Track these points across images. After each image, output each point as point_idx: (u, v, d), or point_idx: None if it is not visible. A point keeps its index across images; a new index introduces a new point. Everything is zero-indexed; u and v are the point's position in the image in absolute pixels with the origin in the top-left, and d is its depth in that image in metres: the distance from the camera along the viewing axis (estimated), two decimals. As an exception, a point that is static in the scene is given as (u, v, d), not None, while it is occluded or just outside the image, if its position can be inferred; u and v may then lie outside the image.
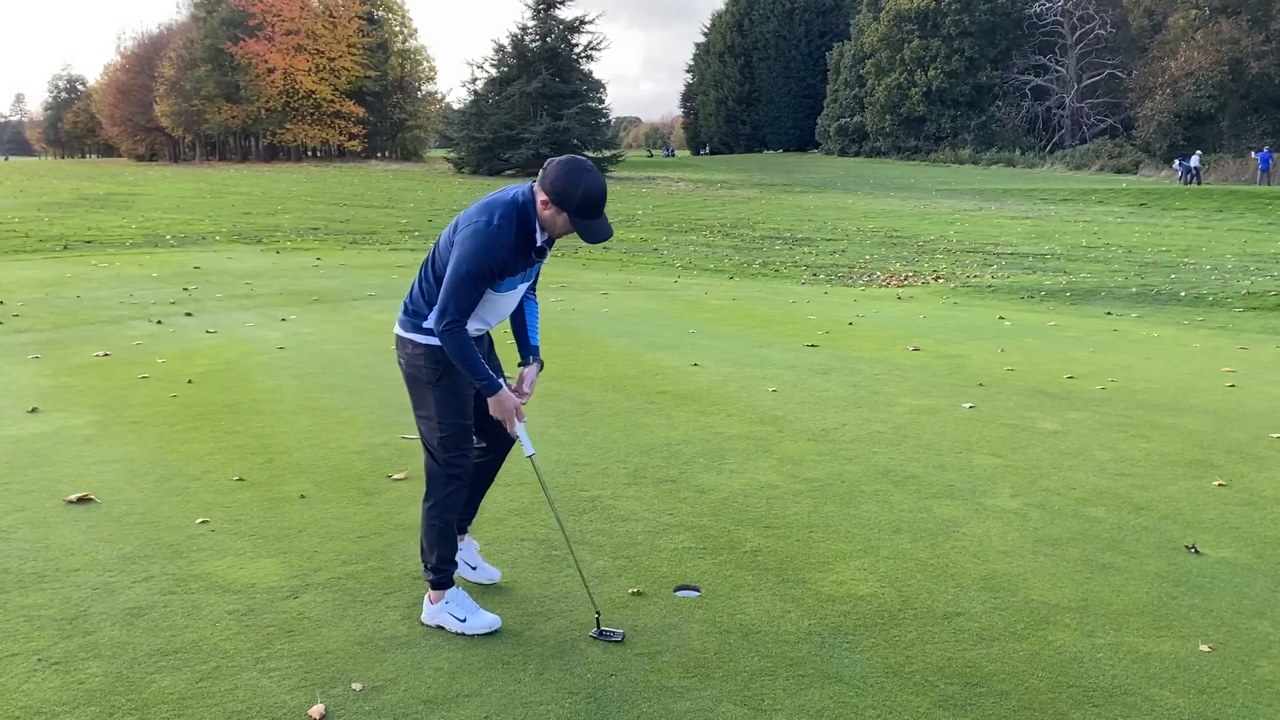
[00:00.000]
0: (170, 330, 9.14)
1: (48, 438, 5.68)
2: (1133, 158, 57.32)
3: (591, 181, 3.19)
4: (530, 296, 3.65)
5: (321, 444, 5.62)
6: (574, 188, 3.17)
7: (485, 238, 3.21)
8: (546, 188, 3.20)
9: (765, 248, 19.30)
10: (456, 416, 3.49)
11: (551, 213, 3.22)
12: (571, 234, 3.29)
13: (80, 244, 17.19)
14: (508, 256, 3.24)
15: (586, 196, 3.18)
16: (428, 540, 3.53)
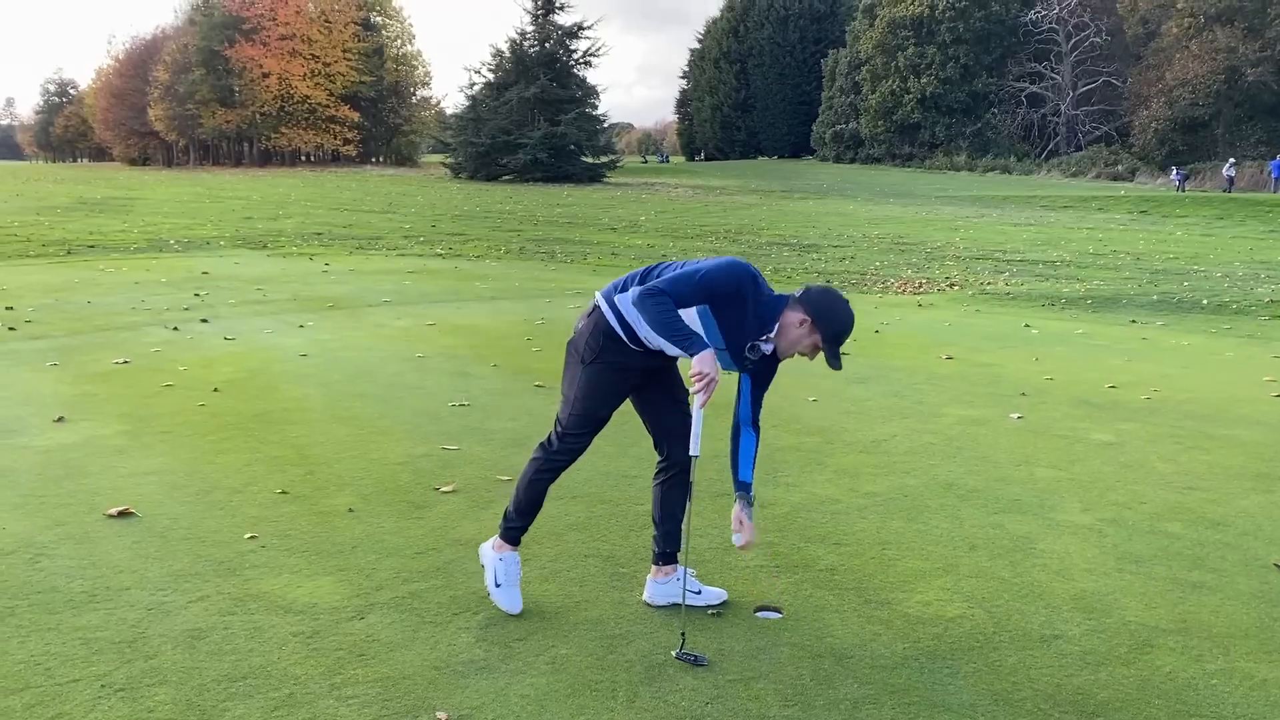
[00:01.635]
0: (188, 337, 8.97)
1: (78, 448, 5.52)
2: (1129, 165, 57.44)
3: (849, 315, 3.27)
4: (750, 428, 3.51)
5: (361, 455, 5.47)
6: (841, 316, 3.23)
7: (739, 268, 3.24)
8: (810, 308, 3.23)
9: (774, 254, 19.19)
10: (594, 405, 3.46)
11: (805, 330, 3.21)
12: (793, 358, 3.34)
13: (83, 248, 16.99)
14: (741, 304, 3.21)
15: (843, 327, 3.25)
16: (515, 492, 3.62)
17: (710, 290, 3.18)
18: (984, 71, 66.92)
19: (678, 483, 3.64)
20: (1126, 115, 61.41)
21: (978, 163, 64.14)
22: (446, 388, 7.13)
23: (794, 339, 3.23)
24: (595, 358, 3.40)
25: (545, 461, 3.56)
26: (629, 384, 3.50)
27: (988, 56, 66.77)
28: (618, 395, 3.50)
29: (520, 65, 50.40)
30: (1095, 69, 64.18)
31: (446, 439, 5.80)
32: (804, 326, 3.20)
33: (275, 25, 68.06)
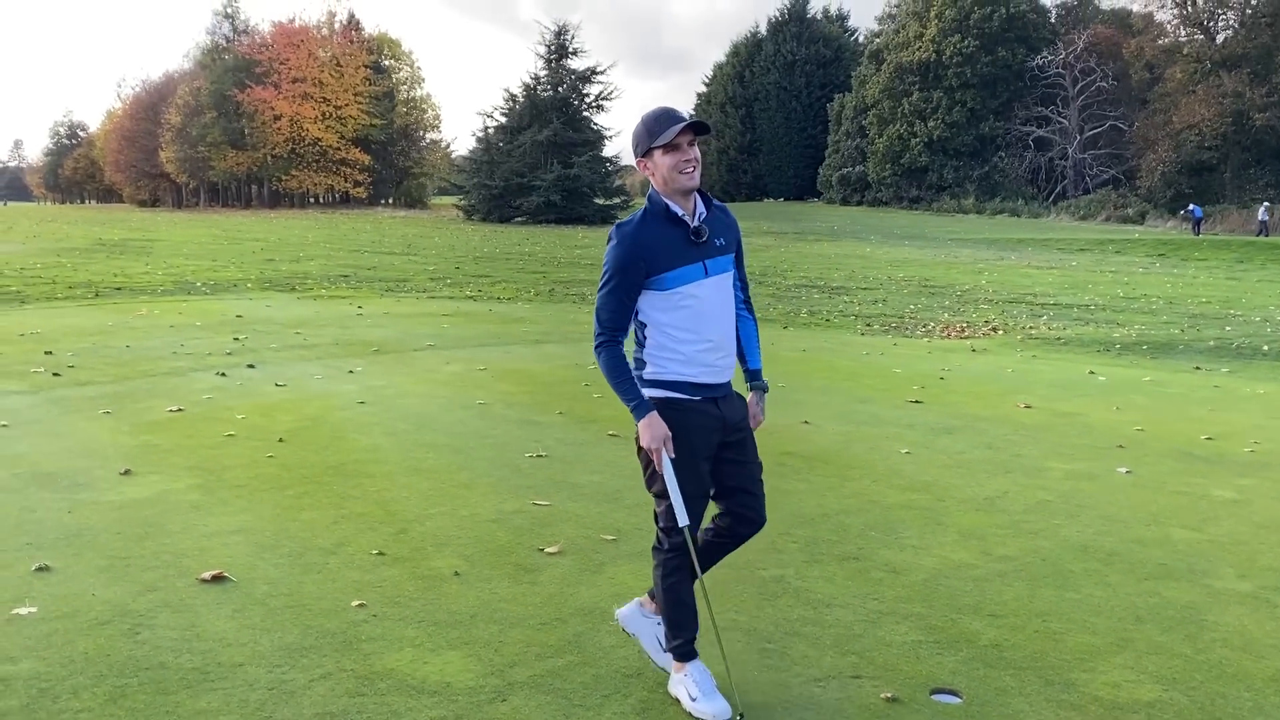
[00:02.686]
0: (237, 383, 8.72)
1: (152, 504, 5.24)
2: (1138, 208, 57.51)
3: (649, 112, 3.14)
4: (745, 313, 3.41)
5: (450, 511, 5.19)
6: (640, 126, 3.10)
7: (614, 239, 3.14)
8: (635, 156, 3.15)
9: (804, 296, 18.99)
10: (683, 484, 3.15)
11: (651, 165, 3.09)
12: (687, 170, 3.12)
13: (110, 290, 16.80)
14: (645, 242, 3.08)
15: (650, 121, 3.08)
16: (662, 608, 3.31)
17: (623, 275, 3.09)
18: (991, 115, 67.32)
19: (730, 545, 3.40)
20: (1133, 159, 61.62)
21: (986, 206, 64.26)
22: (518, 437, 6.86)
23: (665, 177, 3.08)
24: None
25: (665, 564, 3.26)
26: (708, 443, 3.22)
27: (994, 101, 67.21)
28: (707, 464, 3.23)
29: (534, 109, 50.63)
30: (1102, 113, 64.54)
31: (534, 494, 5.53)
32: (648, 167, 3.12)
33: (287, 69, 68.54)
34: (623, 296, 3.11)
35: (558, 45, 51.26)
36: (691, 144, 3.08)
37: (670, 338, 3.14)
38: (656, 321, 3.16)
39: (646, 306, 3.15)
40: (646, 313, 3.16)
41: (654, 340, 3.17)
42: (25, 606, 3.91)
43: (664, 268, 3.08)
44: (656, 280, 3.09)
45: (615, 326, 3.12)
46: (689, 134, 3.06)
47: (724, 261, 3.19)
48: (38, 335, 11.38)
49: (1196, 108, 56.78)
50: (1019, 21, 66.63)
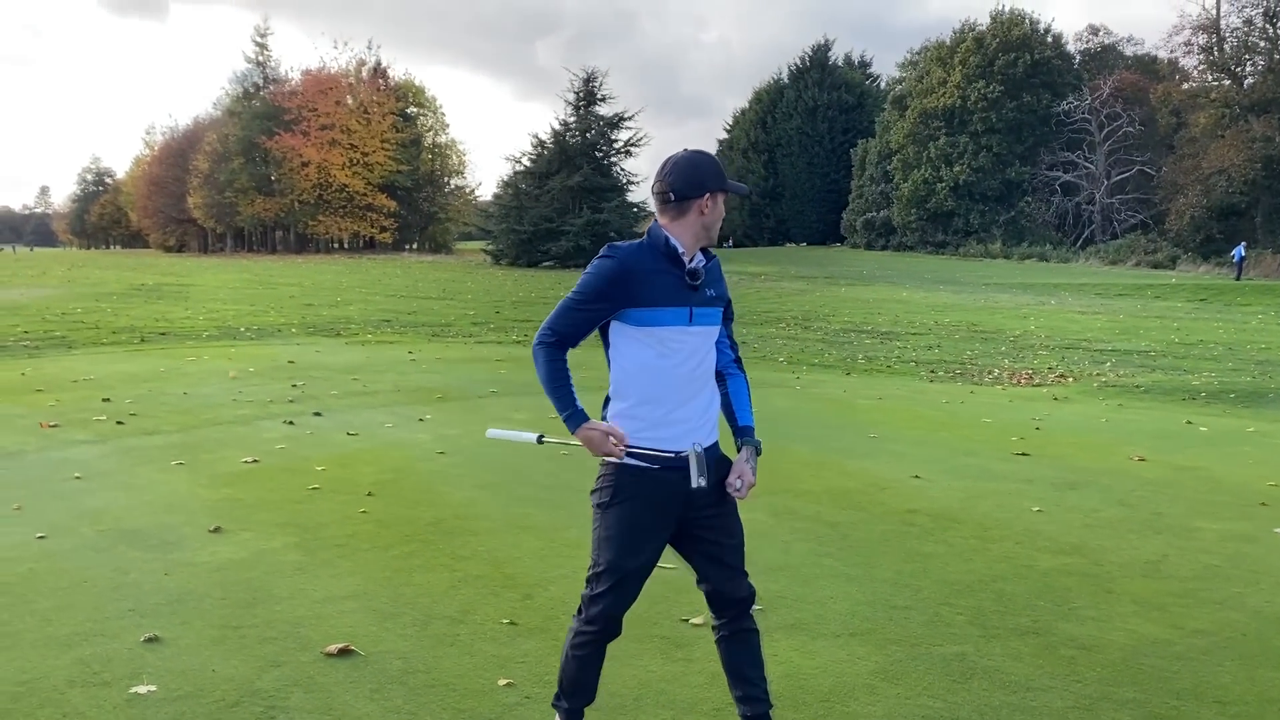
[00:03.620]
0: (307, 432, 8.40)
1: (251, 565, 4.90)
2: (1169, 253, 56.98)
3: (703, 153, 2.88)
4: (735, 370, 3.10)
5: (572, 574, 4.82)
6: (709, 162, 2.85)
7: (604, 254, 2.84)
8: (667, 187, 2.82)
9: (855, 342, 18.62)
10: (618, 555, 2.87)
11: (709, 205, 2.83)
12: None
13: (155, 335, 16.60)
14: (635, 269, 2.76)
15: (716, 163, 2.87)
16: (561, 669, 3.08)
17: (593, 291, 2.78)
18: (1017, 160, 67.15)
19: (741, 635, 3.07)
20: (1162, 203, 61.22)
21: (1013, 250, 63.85)
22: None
23: (712, 218, 2.86)
24: (612, 498, 2.90)
25: (578, 634, 3.02)
26: (664, 515, 2.92)
27: (1020, 146, 67.07)
28: (651, 538, 2.93)
29: (563, 154, 50.76)
30: (1129, 158, 64.30)
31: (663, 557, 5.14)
32: (713, 199, 2.84)
33: (316, 116, 69.19)
34: (589, 314, 2.83)
35: (586, 92, 51.52)
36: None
37: (637, 388, 2.85)
38: (623, 365, 2.87)
39: (618, 339, 2.86)
40: (616, 346, 2.88)
41: (618, 386, 2.91)
42: (143, 684, 3.56)
43: (646, 301, 2.78)
44: (634, 314, 2.78)
45: (565, 336, 2.85)
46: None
47: (712, 314, 2.92)
48: (91, 381, 11.12)
49: (1225, 152, 56.41)
50: (1044, 67, 66.70)
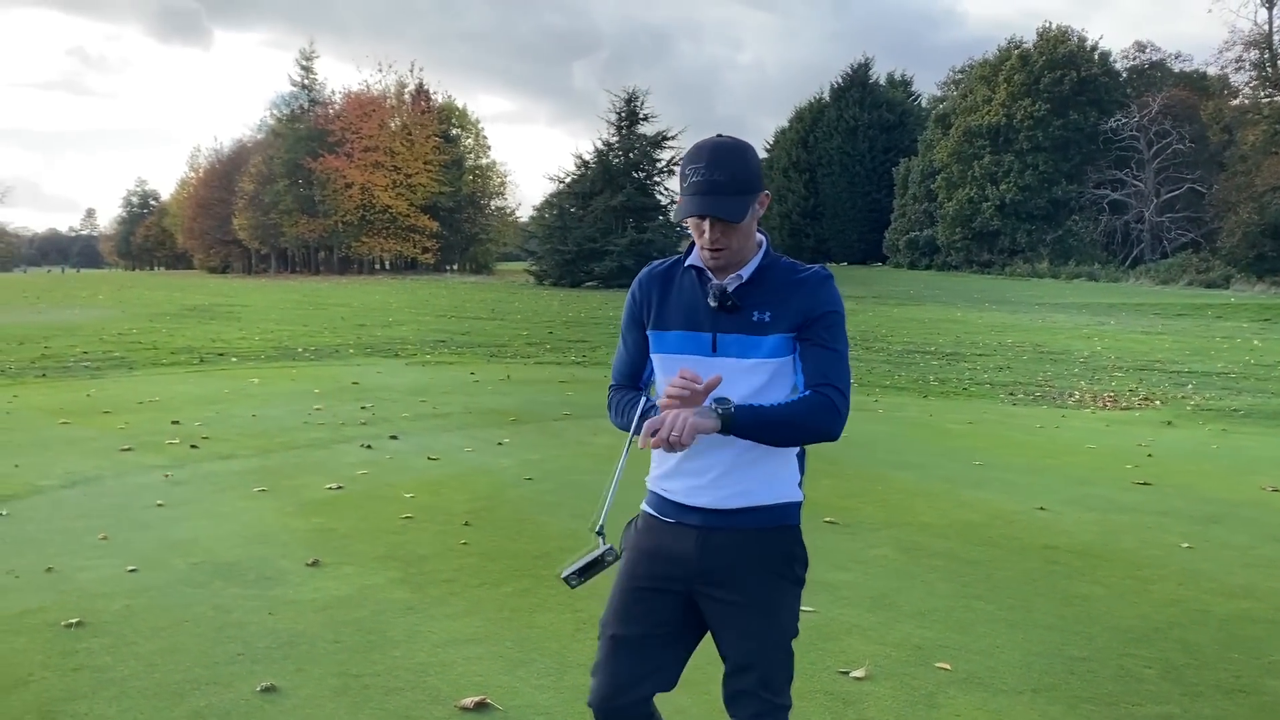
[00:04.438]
0: (386, 456, 8.11)
1: (358, 604, 4.57)
2: (1222, 272, 55.79)
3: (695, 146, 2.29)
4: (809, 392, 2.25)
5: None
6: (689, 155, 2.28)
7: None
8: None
9: (921, 363, 18.13)
10: (609, 618, 2.42)
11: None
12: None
13: (213, 356, 16.46)
14: (654, 285, 2.39)
15: (684, 161, 2.27)
16: None
17: (623, 325, 2.47)
18: (1064, 179, 66.18)
19: None
20: (1213, 221, 60.01)
21: (1061, 270, 62.82)
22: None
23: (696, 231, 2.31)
24: (622, 545, 2.46)
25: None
26: (661, 574, 2.36)
27: (1067, 164, 66.12)
28: (639, 603, 2.36)
29: (606, 174, 50.62)
30: (1179, 175, 63.15)
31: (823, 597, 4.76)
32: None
33: (359, 138, 69.70)
34: (630, 344, 2.46)
35: (628, 111, 51.43)
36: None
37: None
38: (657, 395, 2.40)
39: (654, 367, 2.43)
40: (656, 377, 2.45)
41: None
42: (273, 744, 3.22)
43: (661, 323, 2.35)
44: (649, 336, 2.39)
45: (622, 375, 2.51)
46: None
47: (756, 344, 2.23)
48: (157, 403, 10.93)
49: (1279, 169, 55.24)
50: (1091, 85, 65.84)
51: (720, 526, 2.31)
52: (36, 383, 12.87)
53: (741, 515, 2.30)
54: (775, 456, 2.30)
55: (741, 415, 2.15)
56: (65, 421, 9.59)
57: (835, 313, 2.26)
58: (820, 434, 2.21)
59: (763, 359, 2.23)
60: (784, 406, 2.19)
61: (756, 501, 2.31)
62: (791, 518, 2.37)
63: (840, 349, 2.25)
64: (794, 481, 2.38)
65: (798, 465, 2.40)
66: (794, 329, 2.23)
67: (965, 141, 69.11)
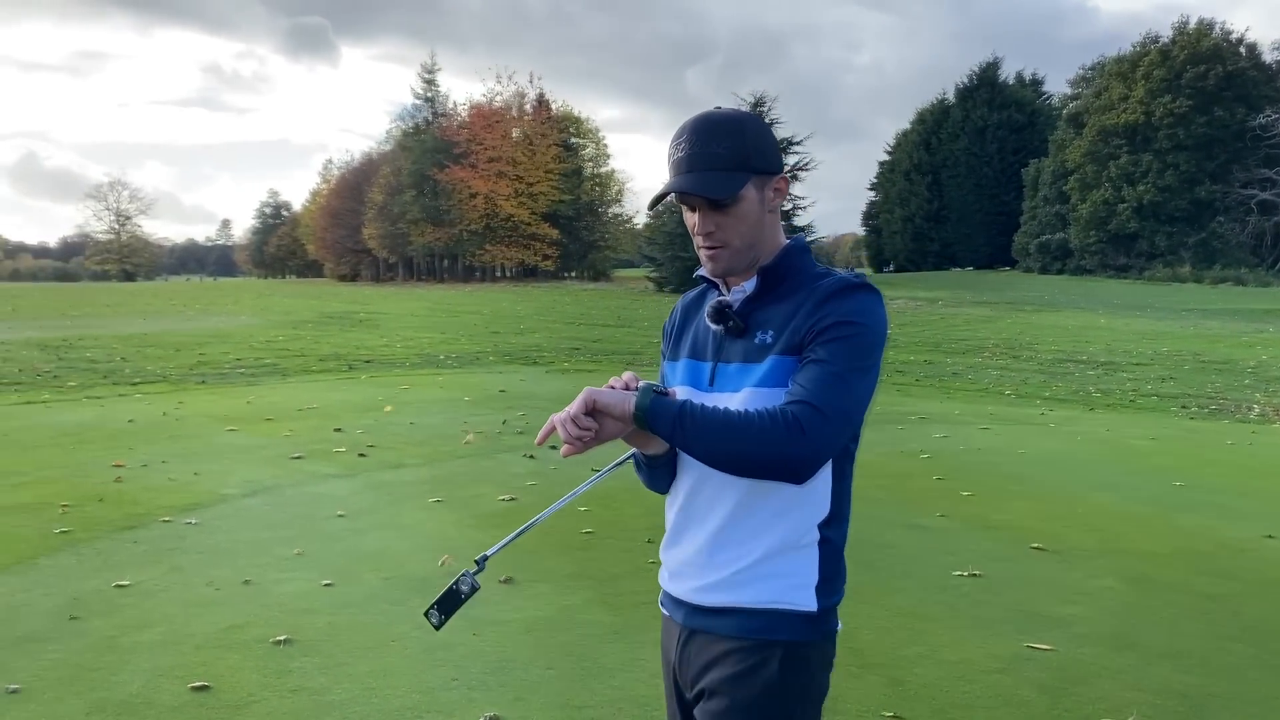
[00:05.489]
0: (551, 467, 7.99)
1: (561, 626, 4.41)
2: (1388, 276, 52.16)
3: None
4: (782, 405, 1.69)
5: (929, 654, 4.13)
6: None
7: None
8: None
9: (1076, 373, 17.28)
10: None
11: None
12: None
13: (360, 364, 16.79)
14: (680, 310, 2.00)
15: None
16: None
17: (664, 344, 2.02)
18: (1207, 179, 62.92)
19: None
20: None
21: (1204, 274, 59.67)
22: (923, 547, 5.77)
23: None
24: None
25: None
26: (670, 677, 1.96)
27: (1211, 163, 62.84)
28: (669, 698, 1.97)
29: (728, 180, 50.19)
30: (1337, 173, 59.34)
31: (1012, 630, 4.40)
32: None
33: (483, 149, 71.04)
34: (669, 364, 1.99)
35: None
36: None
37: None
38: None
39: None
40: None
41: None
42: (510, 783, 3.05)
43: (674, 353, 1.95)
44: (665, 368, 1.99)
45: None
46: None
47: (760, 373, 1.74)
48: (316, 410, 11.11)
49: None
50: (1238, 79, 62.45)
51: (699, 629, 1.82)
52: (198, 389, 13.28)
53: (721, 617, 1.78)
54: (783, 535, 1.73)
55: (661, 406, 1.65)
56: (232, 429, 9.80)
57: (849, 324, 1.68)
58: (773, 458, 1.60)
59: (753, 388, 1.72)
60: (731, 411, 1.65)
61: (740, 600, 1.75)
62: (790, 630, 1.73)
63: (838, 367, 1.64)
64: (807, 580, 1.74)
65: (817, 558, 1.75)
66: (796, 349, 1.71)
67: (1100, 141, 66.43)
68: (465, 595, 1.80)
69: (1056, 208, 71.16)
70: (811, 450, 1.60)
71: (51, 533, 5.89)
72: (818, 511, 1.75)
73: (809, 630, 1.73)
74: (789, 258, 1.81)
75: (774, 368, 1.71)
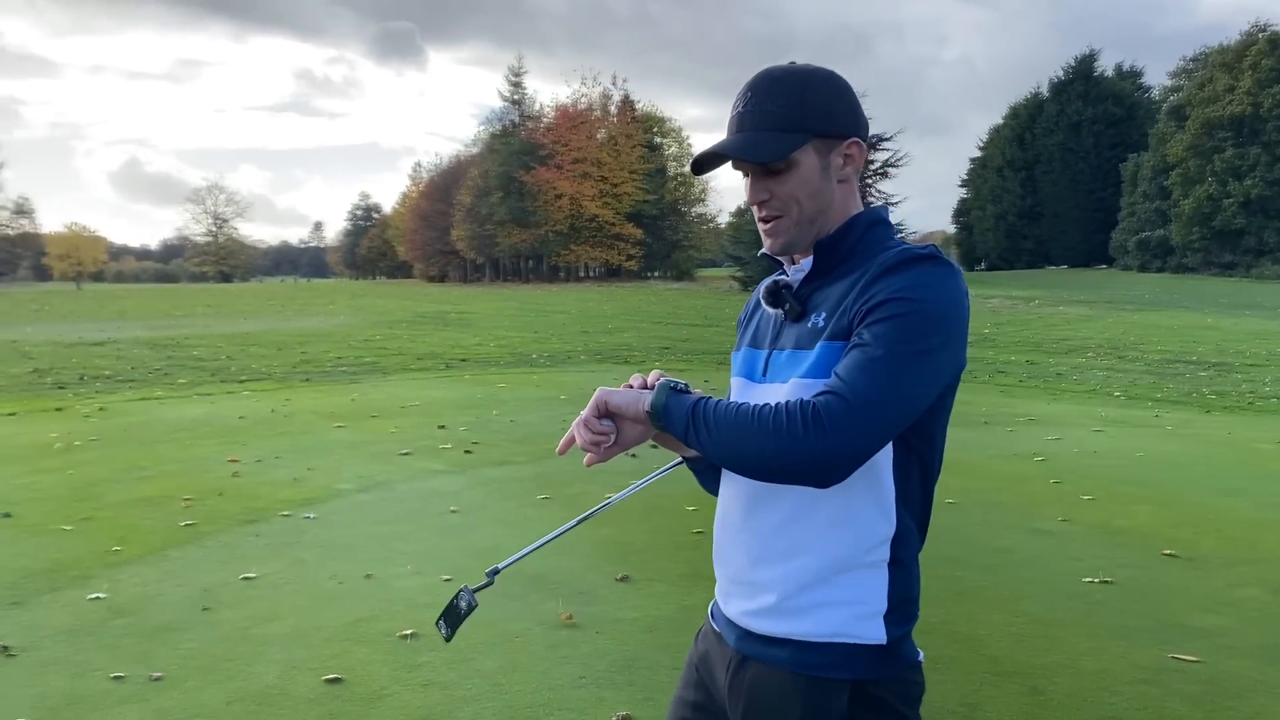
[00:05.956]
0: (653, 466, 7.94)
1: (683, 626, 4.37)
2: None
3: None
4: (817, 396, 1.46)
5: (1069, 663, 3.97)
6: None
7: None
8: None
9: (1187, 374, 16.63)
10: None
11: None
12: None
13: (457, 362, 17.02)
14: (750, 301, 1.81)
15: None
16: None
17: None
18: (1320, 172, 60.21)
19: None
20: None
21: (1319, 272, 57.16)
22: (1038, 551, 5.58)
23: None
24: None
25: None
26: (691, 682, 1.79)
27: (1324, 154, 60.12)
28: (679, 701, 1.80)
29: (815, 178, 49.74)
30: None
31: (1154, 640, 4.22)
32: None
33: (569, 150, 71.66)
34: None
35: (841, 114, 50.34)
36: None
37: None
38: None
39: None
40: None
41: None
42: (649, 783, 3.01)
43: (739, 341, 1.80)
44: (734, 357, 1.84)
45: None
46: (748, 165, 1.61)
47: (809, 361, 1.52)
48: (418, 407, 11.28)
49: None
50: (1356, 67, 59.64)
51: (752, 656, 1.60)
52: (303, 387, 13.60)
53: (776, 647, 1.56)
54: (840, 550, 1.52)
55: (675, 404, 1.49)
56: (340, 425, 10.00)
57: (901, 300, 1.44)
58: (789, 459, 1.39)
59: (800, 379, 1.52)
60: (746, 407, 1.44)
61: (794, 630, 1.54)
62: (854, 667, 1.51)
63: (880, 351, 1.41)
64: (874, 608, 1.52)
65: (886, 581, 1.53)
66: (844, 333, 1.49)
67: (1204, 134, 64.04)
68: (464, 611, 1.72)
69: (1157, 204, 68.85)
70: (834, 449, 1.37)
71: (177, 525, 6.07)
72: (883, 524, 1.52)
73: (878, 666, 1.51)
74: (853, 230, 1.59)
75: (822, 355, 1.50)
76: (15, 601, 4.72)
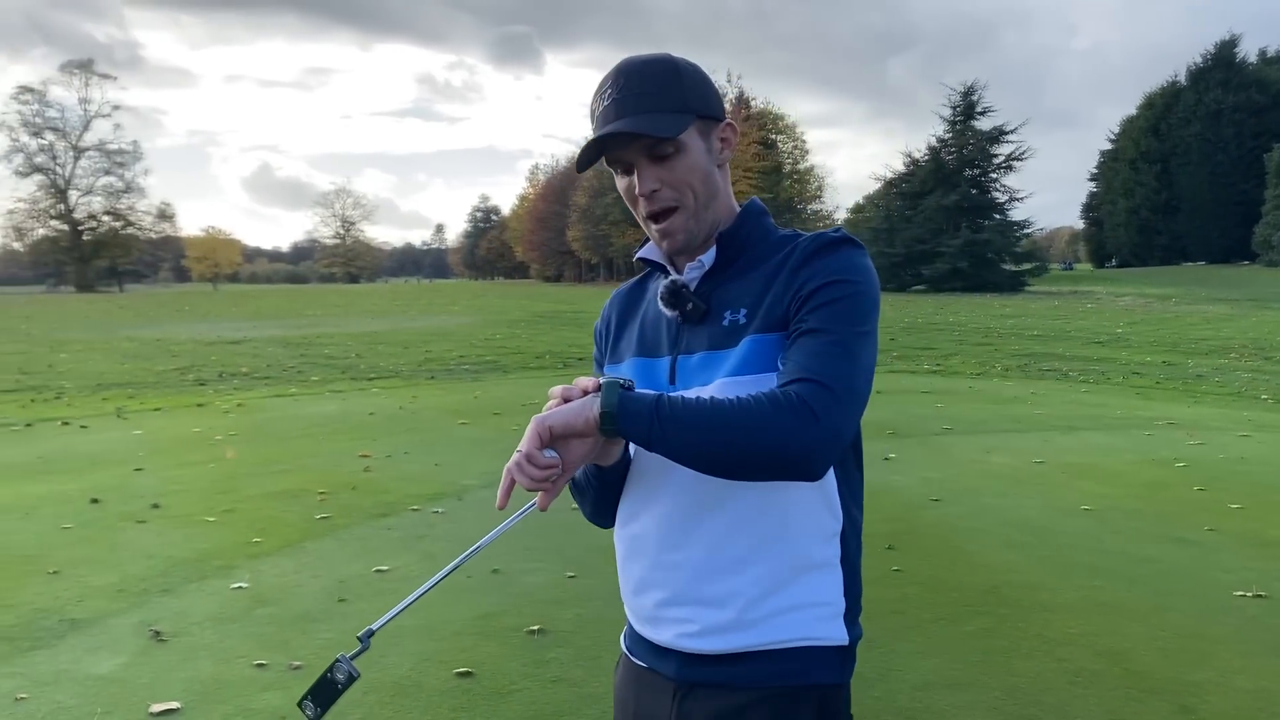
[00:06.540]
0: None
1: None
2: None
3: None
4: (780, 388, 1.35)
5: (1222, 680, 3.78)
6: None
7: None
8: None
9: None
10: None
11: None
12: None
13: (574, 361, 17.25)
14: (616, 303, 1.70)
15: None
16: None
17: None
18: None
19: None
20: None
21: None
22: (1188, 563, 5.31)
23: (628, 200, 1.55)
24: None
25: None
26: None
27: None
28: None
29: (939, 172, 48.74)
30: None
31: None
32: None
33: (683, 149, 71.88)
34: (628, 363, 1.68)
35: (965, 106, 49.20)
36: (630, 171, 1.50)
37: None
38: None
39: None
40: None
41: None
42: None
43: (615, 355, 1.65)
44: (607, 370, 1.68)
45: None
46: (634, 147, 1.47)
47: (735, 359, 1.44)
48: (539, 405, 11.37)
49: None
50: None
51: (703, 682, 1.48)
52: (428, 384, 13.97)
53: (734, 664, 1.45)
54: (792, 553, 1.44)
55: (633, 402, 1.33)
56: (464, 422, 10.23)
57: (841, 283, 1.40)
58: (781, 451, 1.28)
59: (726, 378, 1.43)
60: (721, 399, 1.33)
61: (758, 640, 1.43)
62: (823, 671, 1.45)
63: (838, 335, 1.36)
64: (835, 608, 1.48)
65: (840, 579, 1.48)
66: (779, 324, 1.42)
67: (1359, 120, 60.19)
68: (343, 685, 1.42)
69: (1305, 195, 65.02)
70: (826, 437, 1.28)
71: (313, 518, 6.30)
72: (830, 520, 1.46)
73: (842, 670, 1.47)
74: (749, 221, 1.54)
75: (753, 350, 1.42)
76: (166, 589, 4.97)
